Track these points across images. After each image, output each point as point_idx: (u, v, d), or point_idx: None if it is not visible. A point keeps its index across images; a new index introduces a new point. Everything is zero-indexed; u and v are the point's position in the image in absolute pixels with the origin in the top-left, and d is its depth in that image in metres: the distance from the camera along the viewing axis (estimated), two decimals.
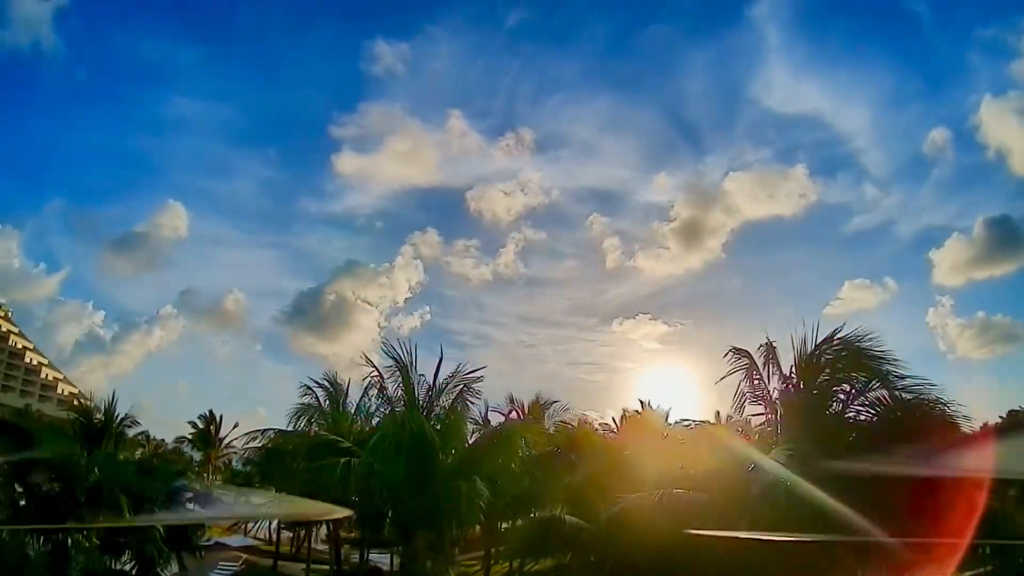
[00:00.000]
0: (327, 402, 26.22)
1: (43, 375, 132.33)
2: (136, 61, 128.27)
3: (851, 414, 14.32)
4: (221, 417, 69.48)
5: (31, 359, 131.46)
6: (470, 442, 19.27)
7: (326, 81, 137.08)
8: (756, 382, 15.17)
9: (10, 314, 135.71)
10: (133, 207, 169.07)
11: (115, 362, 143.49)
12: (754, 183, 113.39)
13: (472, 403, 19.71)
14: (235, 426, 68.18)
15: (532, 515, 20.62)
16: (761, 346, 15.02)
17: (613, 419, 39.15)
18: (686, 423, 37.71)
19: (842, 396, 14.54)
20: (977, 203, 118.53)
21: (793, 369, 14.61)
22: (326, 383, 26.24)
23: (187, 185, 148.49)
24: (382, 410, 21.26)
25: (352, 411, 25.73)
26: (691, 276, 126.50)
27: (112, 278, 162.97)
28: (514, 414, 30.22)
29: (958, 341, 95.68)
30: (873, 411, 14.11)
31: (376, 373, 19.41)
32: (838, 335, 14.18)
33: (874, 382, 14.02)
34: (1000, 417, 51.67)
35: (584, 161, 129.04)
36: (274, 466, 24.73)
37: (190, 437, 71.95)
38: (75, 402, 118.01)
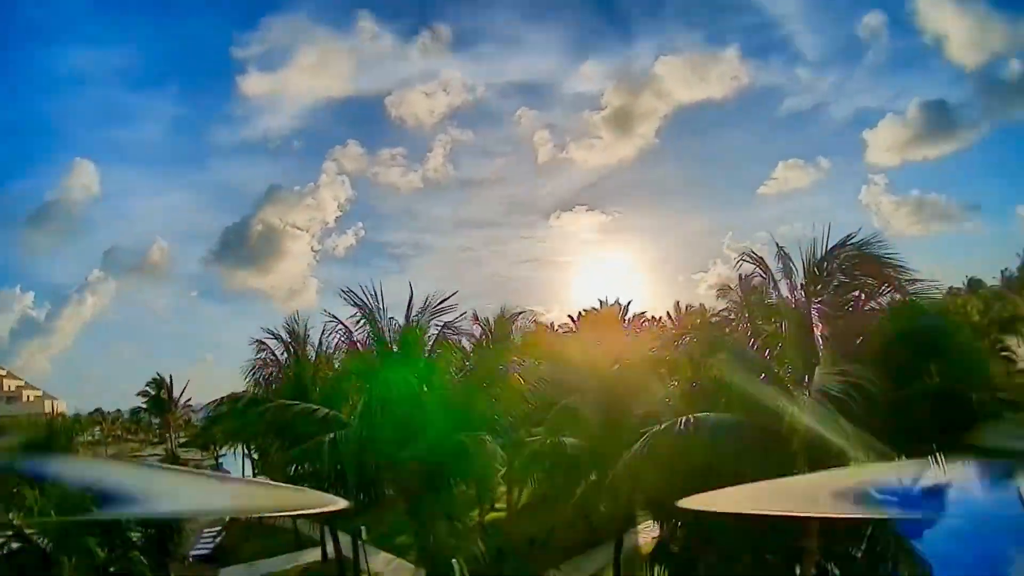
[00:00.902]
0: (284, 355, 23.63)
1: None
2: (12, 20, 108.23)
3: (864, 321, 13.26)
4: (171, 377, 64.91)
5: None
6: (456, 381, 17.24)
7: (222, 1, 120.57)
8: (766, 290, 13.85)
9: None
10: (40, 176, 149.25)
11: (54, 342, 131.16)
12: (685, 66, 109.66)
13: (452, 339, 17.72)
14: (186, 384, 64.76)
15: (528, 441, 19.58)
16: (778, 253, 13.50)
17: (571, 317, 38.41)
18: (641, 314, 37.54)
19: (852, 304, 13.46)
20: (912, 87, 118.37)
21: (803, 276, 13.26)
22: (282, 332, 23.53)
23: (92, 140, 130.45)
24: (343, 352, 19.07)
25: (312, 357, 23.31)
26: (625, 164, 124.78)
27: (34, 255, 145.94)
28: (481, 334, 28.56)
29: (892, 218, 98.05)
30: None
31: (339, 324, 17.03)
32: (851, 240, 12.84)
33: (884, 287, 13.00)
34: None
35: (507, 54, 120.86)
36: (238, 424, 22.09)
37: (144, 406, 67.60)
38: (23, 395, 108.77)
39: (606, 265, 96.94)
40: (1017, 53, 75.92)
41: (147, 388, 64.66)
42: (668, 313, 39.58)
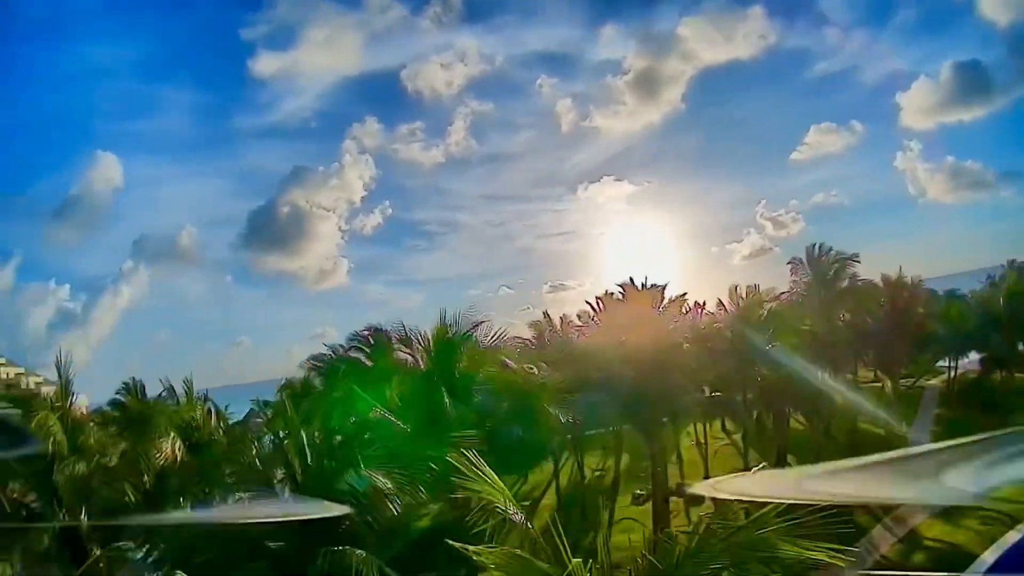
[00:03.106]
0: None
1: (3, 375, 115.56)
2: (28, 20, 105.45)
3: None
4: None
5: None
6: None
7: None
8: None
9: None
10: (63, 172, 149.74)
11: (92, 332, 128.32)
12: (709, 26, 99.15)
13: None
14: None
15: None
16: None
17: (590, 304, 26.79)
18: (680, 297, 26.07)
19: None
20: (944, 47, 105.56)
21: None
22: None
23: (113, 132, 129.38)
24: None
25: None
26: (652, 131, 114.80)
27: (64, 249, 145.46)
28: (411, 359, 16.87)
29: (928, 185, 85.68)
30: None
31: None
32: None
33: None
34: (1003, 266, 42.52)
35: (523, 23, 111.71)
36: None
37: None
38: (42, 392, 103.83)
39: (637, 236, 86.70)
40: None
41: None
42: (720, 301, 28.23)
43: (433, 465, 10.21)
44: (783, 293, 30.17)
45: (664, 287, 24.14)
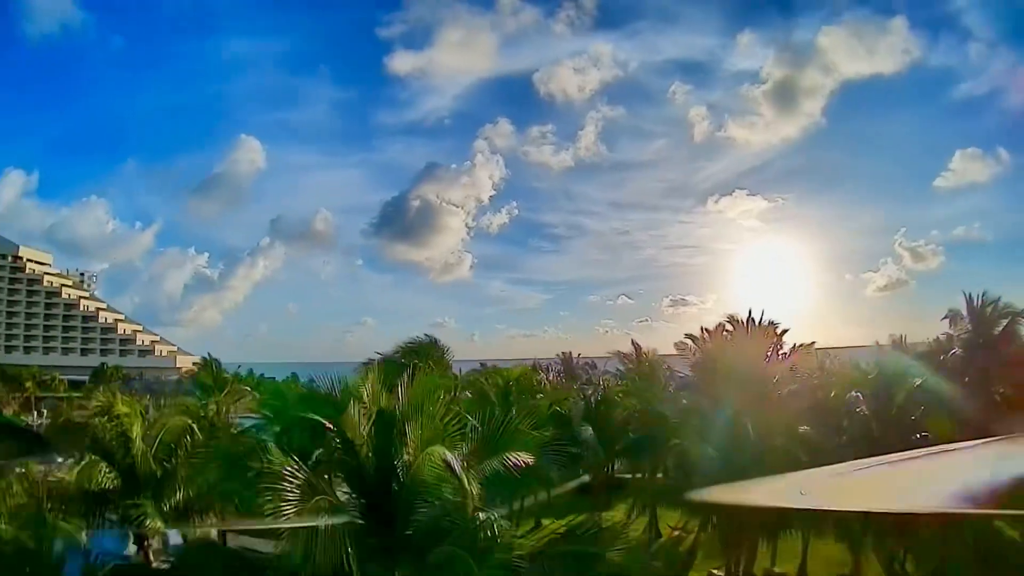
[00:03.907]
0: None
1: (120, 330, 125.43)
2: (175, 13, 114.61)
3: None
4: None
5: (105, 318, 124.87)
6: None
7: None
8: None
9: (86, 281, 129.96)
10: (207, 151, 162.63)
11: (225, 297, 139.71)
12: (851, 37, 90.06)
13: None
14: None
15: None
16: None
17: (691, 339, 21.77)
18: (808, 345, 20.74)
19: None
20: None
21: None
22: None
23: (256, 119, 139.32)
24: None
25: None
26: (789, 145, 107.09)
27: (205, 221, 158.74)
28: None
29: None
30: None
31: None
32: None
33: None
34: None
35: (660, 29, 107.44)
36: None
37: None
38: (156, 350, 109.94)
39: (767, 256, 79.09)
40: None
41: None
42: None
43: None
44: (934, 345, 24.05)
45: (783, 332, 19.21)
